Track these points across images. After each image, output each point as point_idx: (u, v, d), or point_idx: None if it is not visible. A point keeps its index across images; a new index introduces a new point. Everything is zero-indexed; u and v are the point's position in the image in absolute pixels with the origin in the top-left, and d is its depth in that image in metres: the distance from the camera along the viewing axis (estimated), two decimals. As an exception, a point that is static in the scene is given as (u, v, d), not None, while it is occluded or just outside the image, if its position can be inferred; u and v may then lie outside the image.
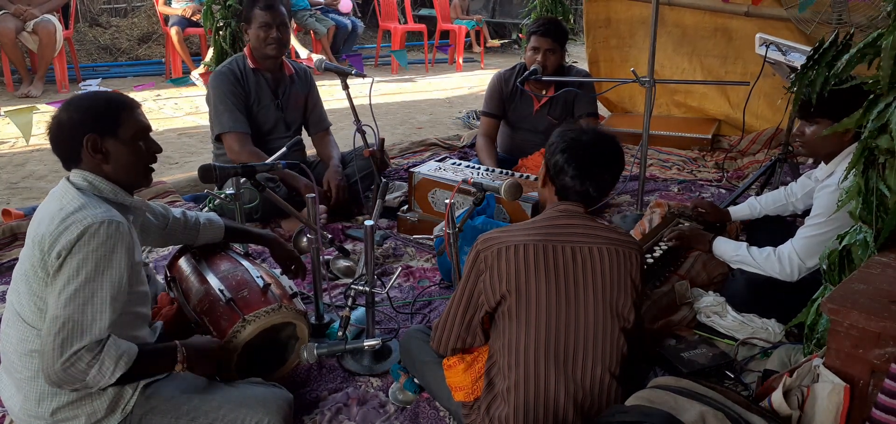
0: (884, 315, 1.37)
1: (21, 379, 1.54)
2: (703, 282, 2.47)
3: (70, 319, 1.41)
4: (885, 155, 1.53)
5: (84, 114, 1.57)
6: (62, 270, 1.44)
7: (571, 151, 1.66)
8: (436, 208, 3.05)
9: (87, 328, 1.43)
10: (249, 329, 1.76)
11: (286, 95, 3.22)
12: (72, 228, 1.45)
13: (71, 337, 1.41)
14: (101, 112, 1.58)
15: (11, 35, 5.58)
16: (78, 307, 1.42)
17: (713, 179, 4.01)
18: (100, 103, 1.60)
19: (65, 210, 1.49)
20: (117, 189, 1.61)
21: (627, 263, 1.64)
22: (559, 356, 1.58)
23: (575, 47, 6.41)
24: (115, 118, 1.58)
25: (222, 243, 2.13)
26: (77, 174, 1.58)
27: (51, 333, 1.41)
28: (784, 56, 2.94)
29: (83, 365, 1.42)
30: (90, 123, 1.56)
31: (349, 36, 8.38)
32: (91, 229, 1.44)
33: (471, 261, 1.65)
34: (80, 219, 1.46)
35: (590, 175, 1.66)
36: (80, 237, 1.44)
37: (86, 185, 1.57)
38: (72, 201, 1.51)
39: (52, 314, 1.43)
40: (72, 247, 1.43)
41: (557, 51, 3.40)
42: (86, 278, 1.43)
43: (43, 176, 3.95)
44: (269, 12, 3.00)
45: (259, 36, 3.03)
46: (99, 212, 1.48)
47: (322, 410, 1.89)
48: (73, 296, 1.42)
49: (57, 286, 1.44)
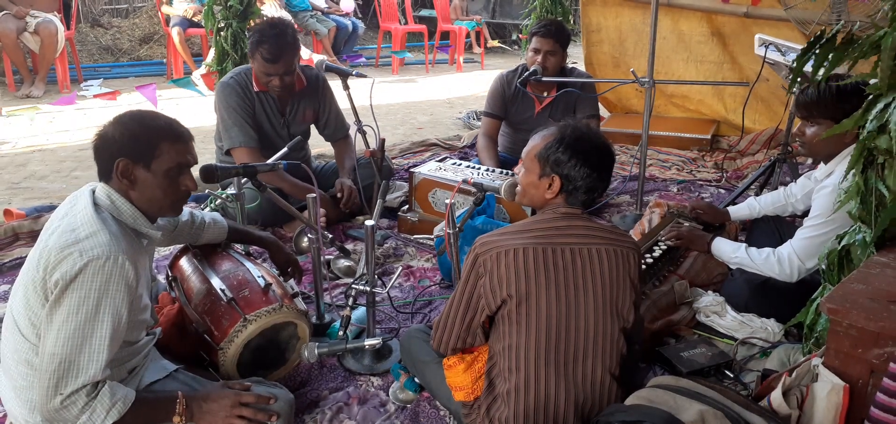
0: (883, 315, 1.37)
1: (17, 386, 1.54)
2: (703, 282, 2.48)
3: (66, 359, 1.38)
4: (884, 155, 1.53)
5: (124, 133, 1.51)
6: (62, 303, 1.39)
7: (582, 151, 1.63)
8: (436, 208, 3.06)
9: (83, 368, 1.39)
10: (250, 329, 1.76)
11: (294, 113, 3.14)
12: (75, 257, 1.39)
13: (66, 377, 1.38)
14: (140, 137, 1.52)
15: (13, 35, 5.59)
16: (75, 346, 1.38)
17: (712, 179, 4.01)
18: (144, 129, 1.53)
19: (76, 233, 1.43)
20: (138, 216, 1.55)
21: (626, 263, 1.64)
22: (560, 359, 1.59)
23: (575, 49, 6.41)
24: (153, 148, 1.52)
25: (224, 243, 2.13)
26: (103, 190, 1.53)
27: (47, 370, 1.38)
28: (783, 56, 2.95)
29: (76, 410, 1.39)
30: (127, 146, 1.51)
31: (350, 37, 8.39)
32: (94, 265, 1.39)
33: (469, 264, 1.64)
34: (86, 249, 1.40)
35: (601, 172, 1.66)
36: (82, 271, 1.38)
37: (107, 203, 1.52)
38: (85, 224, 1.45)
39: (49, 350, 1.39)
40: (72, 280, 1.38)
41: (558, 52, 3.40)
42: (86, 316, 1.39)
43: (44, 176, 3.95)
44: (272, 65, 2.83)
45: (261, 78, 2.92)
46: (104, 243, 1.42)
47: (323, 409, 1.90)
48: (72, 335, 1.38)
49: (56, 320, 1.39)
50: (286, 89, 2.95)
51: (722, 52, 4.63)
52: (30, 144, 4.55)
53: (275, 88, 2.93)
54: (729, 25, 4.52)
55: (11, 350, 1.54)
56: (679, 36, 4.77)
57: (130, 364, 1.61)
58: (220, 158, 3.17)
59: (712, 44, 4.65)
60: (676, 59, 4.81)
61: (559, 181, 1.66)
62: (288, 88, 2.95)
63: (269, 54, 2.82)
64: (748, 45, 3.97)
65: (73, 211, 1.50)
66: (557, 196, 1.68)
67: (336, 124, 3.29)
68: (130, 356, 1.61)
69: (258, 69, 2.91)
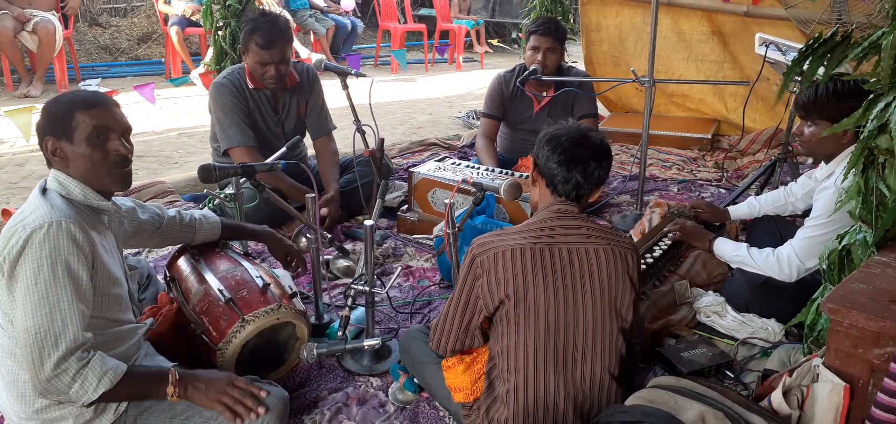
0: (883, 315, 1.37)
1: (6, 380, 1.54)
2: (703, 282, 2.47)
3: (41, 329, 1.40)
4: (885, 155, 1.53)
5: (45, 116, 1.56)
6: (17, 279, 1.42)
7: (555, 142, 1.66)
8: (435, 208, 3.05)
9: (61, 334, 1.41)
10: (249, 329, 1.75)
11: (287, 109, 3.14)
12: (17, 233, 1.44)
13: (45, 346, 1.40)
14: (56, 114, 1.55)
15: (10, 35, 5.58)
16: (45, 315, 1.40)
17: (713, 178, 4.01)
18: (60, 106, 1.56)
19: (22, 214, 1.48)
20: (88, 191, 1.57)
21: (624, 262, 1.64)
22: (559, 359, 1.58)
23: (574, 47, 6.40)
24: (69, 120, 1.54)
25: (222, 243, 2.13)
26: (52, 176, 1.58)
27: (26, 345, 1.41)
28: (784, 56, 2.94)
29: (68, 379, 1.41)
30: (50, 126, 1.55)
31: (349, 36, 8.38)
32: (38, 235, 1.42)
33: (467, 265, 1.64)
34: (27, 224, 1.44)
35: (575, 161, 1.64)
36: (26, 243, 1.42)
37: (55, 186, 1.56)
38: (29, 205, 1.51)
39: (22, 327, 1.41)
40: (20, 254, 1.42)
41: (557, 50, 3.40)
42: (45, 284, 1.41)
43: (42, 175, 3.93)
44: (266, 52, 2.83)
45: (256, 70, 2.91)
46: (45, 214, 1.45)
47: (322, 410, 1.89)
48: (38, 305, 1.40)
49: (18, 297, 1.42)
50: (281, 80, 2.95)
51: (722, 51, 4.62)
52: (28, 144, 4.53)
53: (270, 78, 2.91)
54: (729, 24, 4.51)
55: None
56: (679, 35, 4.76)
57: (122, 352, 1.60)
58: (217, 158, 3.16)
59: (713, 43, 4.65)
60: (677, 58, 4.81)
61: (542, 179, 1.69)
62: (282, 78, 2.95)
63: (263, 40, 2.81)
64: (749, 44, 3.96)
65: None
66: (548, 195, 1.70)
67: (319, 120, 3.25)
68: (118, 339, 1.60)
69: (252, 61, 2.90)
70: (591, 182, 1.67)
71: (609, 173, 1.74)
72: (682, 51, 4.78)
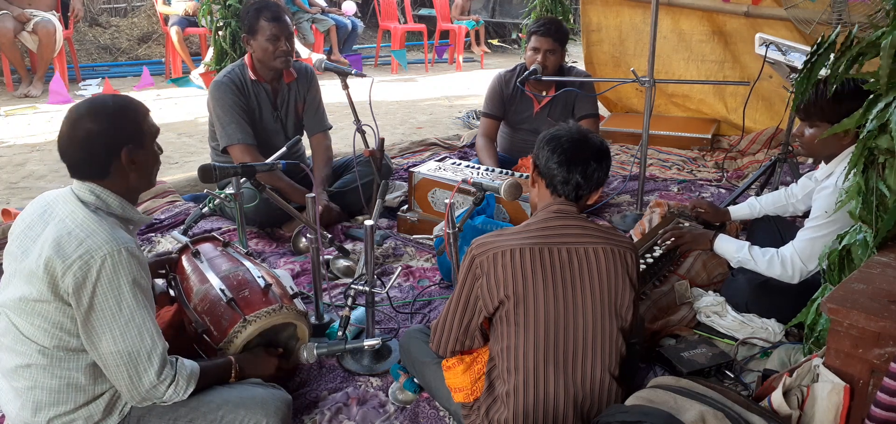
0: (883, 315, 1.36)
1: (19, 388, 1.52)
2: (703, 282, 2.47)
3: (133, 351, 1.46)
4: (885, 155, 1.53)
5: (116, 123, 1.51)
6: (95, 307, 1.43)
7: (555, 143, 1.67)
8: (436, 208, 3.06)
9: (152, 351, 1.48)
10: (250, 329, 1.76)
11: (285, 105, 3.17)
12: (82, 258, 1.41)
13: (140, 364, 1.47)
14: (131, 121, 1.54)
15: (10, 35, 5.58)
16: (135, 338, 1.46)
17: (713, 179, 4.01)
18: (128, 111, 1.55)
19: (75, 236, 1.43)
20: (125, 203, 1.56)
21: (624, 262, 1.64)
22: (559, 359, 1.58)
23: (575, 48, 6.41)
24: (142, 125, 1.57)
25: (222, 243, 2.12)
26: (84, 188, 1.51)
27: (119, 366, 1.46)
28: (784, 56, 2.94)
29: (165, 387, 1.51)
30: (126, 134, 1.52)
31: (349, 36, 8.38)
32: (109, 262, 1.42)
33: (466, 265, 1.64)
34: (92, 249, 1.42)
35: (575, 162, 1.64)
36: (100, 271, 1.41)
37: (94, 200, 1.51)
38: (82, 226, 1.45)
39: (109, 351, 1.45)
40: (96, 282, 1.42)
41: (558, 51, 3.40)
42: (129, 309, 1.45)
43: (42, 176, 3.94)
44: (276, 24, 2.94)
45: (267, 49, 2.96)
46: (107, 238, 1.44)
47: (322, 410, 1.89)
48: (126, 329, 1.45)
49: (100, 324, 1.44)
50: (288, 58, 3.02)
51: (723, 51, 4.62)
52: (28, 144, 4.54)
53: (281, 53, 2.98)
54: (730, 24, 4.51)
55: (11, 353, 1.52)
56: (680, 35, 4.76)
57: None
58: (215, 157, 3.17)
59: (713, 43, 4.65)
60: (677, 58, 4.81)
61: (542, 179, 1.70)
62: (289, 55, 3.03)
63: (272, 14, 2.94)
64: (749, 44, 3.96)
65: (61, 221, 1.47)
66: (547, 196, 1.70)
67: (315, 117, 3.30)
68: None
69: (262, 40, 2.96)
70: (591, 183, 1.67)
71: (609, 174, 1.74)
72: (683, 51, 4.78)
